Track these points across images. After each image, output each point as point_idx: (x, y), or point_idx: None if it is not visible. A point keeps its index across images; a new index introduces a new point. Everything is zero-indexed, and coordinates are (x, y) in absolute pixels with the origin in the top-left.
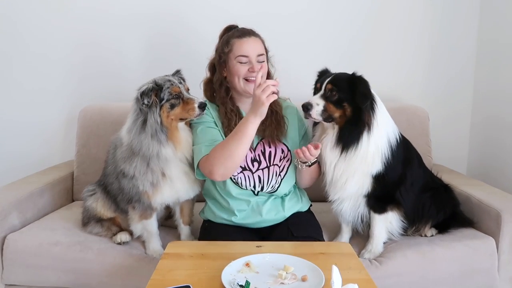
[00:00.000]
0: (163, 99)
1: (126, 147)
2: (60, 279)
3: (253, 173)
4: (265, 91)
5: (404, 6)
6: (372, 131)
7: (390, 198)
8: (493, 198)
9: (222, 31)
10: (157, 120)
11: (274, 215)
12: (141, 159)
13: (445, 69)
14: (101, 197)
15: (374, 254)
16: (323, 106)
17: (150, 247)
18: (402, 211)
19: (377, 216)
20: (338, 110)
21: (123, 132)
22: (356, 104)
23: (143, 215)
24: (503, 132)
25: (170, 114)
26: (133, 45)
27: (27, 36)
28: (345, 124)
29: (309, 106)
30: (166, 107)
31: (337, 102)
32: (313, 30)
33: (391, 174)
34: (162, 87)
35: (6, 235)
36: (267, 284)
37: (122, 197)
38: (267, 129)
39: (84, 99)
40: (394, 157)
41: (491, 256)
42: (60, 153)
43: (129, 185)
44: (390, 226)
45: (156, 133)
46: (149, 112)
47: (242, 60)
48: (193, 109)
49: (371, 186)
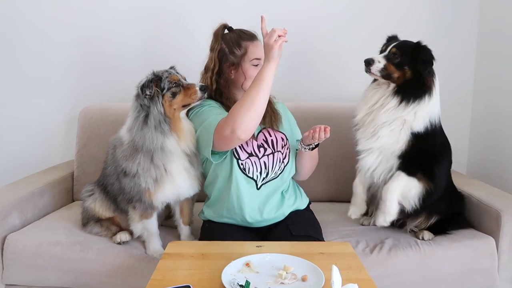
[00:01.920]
0: (164, 89)
1: (128, 145)
2: (60, 279)
3: (259, 158)
4: (271, 35)
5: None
6: (432, 96)
7: (424, 166)
8: (493, 198)
9: (219, 30)
10: (160, 111)
11: (274, 213)
12: (144, 154)
13: (445, 64)
14: (99, 197)
15: (389, 214)
16: (383, 64)
17: (150, 247)
18: (427, 187)
19: (402, 174)
20: (398, 71)
21: (123, 131)
22: (417, 69)
23: (144, 215)
24: (503, 126)
25: (173, 103)
26: (134, 46)
27: (27, 36)
28: (404, 84)
29: (371, 61)
30: (167, 96)
31: (399, 64)
32: (314, 32)
33: (429, 141)
34: (161, 77)
35: (7, 235)
36: (267, 284)
37: (123, 197)
38: (266, 116)
39: (84, 99)
40: (436, 128)
41: (491, 256)
42: (60, 153)
43: (131, 184)
44: (408, 193)
45: (159, 124)
46: (151, 104)
47: (255, 63)
48: (195, 92)
49: (407, 144)
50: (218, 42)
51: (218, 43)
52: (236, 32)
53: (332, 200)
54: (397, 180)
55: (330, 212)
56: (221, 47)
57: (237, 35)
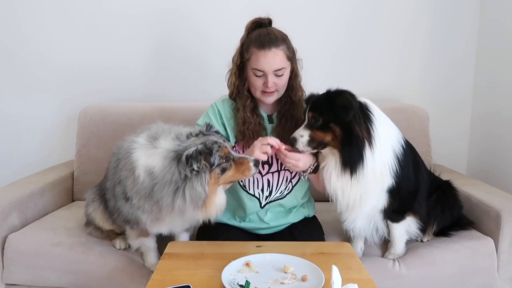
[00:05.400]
0: (214, 164)
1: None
2: (61, 279)
3: (262, 176)
4: (261, 148)
5: (404, 6)
6: (374, 145)
7: (408, 208)
8: (493, 198)
9: (250, 24)
10: (204, 189)
11: (278, 222)
12: (158, 205)
13: (445, 67)
14: (99, 208)
15: (398, 255)
16: (308, 135)
17: (147, 260)
18: (418, 215)
19: (395, 224)
20: (327, 133)
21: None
22: (342, 121)
23: (141, 234)
24: (503, 129)
25: (220, 179)
26: (134, 45)
27: (27, 36)
28: (342, 145)
29: (292, 140)
30: (215, 172)
31: (323, 126)
32: (313, 32)
33: (405, 184)
34: (212, 151)
35: (7, 235)
36: (267, 284)
37: (118, 216)
38: (286, 134)
39: (84, 99)
40: (403, 167)
41: (490, 256)
42: (60, 153)
43: (129, 210)
44: (409, 229)
45: (197, 200)
46: (195, 179)
47: (257, 74)
48: (249, 168)
49: (387, 201)
50: (244, 36)
51: (243, 37)
52: (258, 33)
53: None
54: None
55: (330, 212)
56: (243, 42)
57: (254, 37)
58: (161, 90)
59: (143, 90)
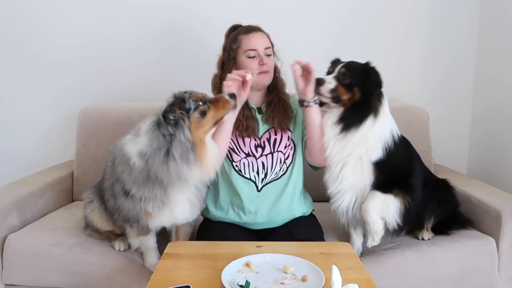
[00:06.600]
0: (190, 109)
1: (140, 172)
2: (60, 279)
3: (257, 158)
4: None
5: (403, 4)
6: (378, 118)
7: (400, 181)
8: (493, 198)
9: (228, 30)
10: (188, 137)
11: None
12: (161, 185)
13: (445, 66)
14: (98, 209)
15: (376, 233)
16: (334, 85)
17: (147, 260)
18: (405, 200)
19: (378, 193)
20: (348, 93)
21: (132, 151)
22: (365, 91)
23: (141, 233)
24: (503, 128)
25: (203, 123)
26: (134, 45)
27: (27, 36)
28: (351, 107)
29: (321, 81)
30: (195, 117)
31: (348, 85)
32: (313, 29)
33: (394, 160)
34: (184, 98)
35: (6, 235)
36: (267, 284)
37: (119, 216)
38: (276, 117)
39: (84, 99)
40: (396, 146)
41: (491, 256)
42: (60, 153)
43: (130, 205)
44: (386, 210)
45: (186, 153)
46: (176, 130)
47: (250, 54)
48: (227, 101)
49: (374, 175)
50: (225, 41)
51: (225, 42)
52: (240, 27)
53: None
54: (373, 199)
55: (330, 212)
56: (225, 45)
57: (237, 31)
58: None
59: (143, 90)
